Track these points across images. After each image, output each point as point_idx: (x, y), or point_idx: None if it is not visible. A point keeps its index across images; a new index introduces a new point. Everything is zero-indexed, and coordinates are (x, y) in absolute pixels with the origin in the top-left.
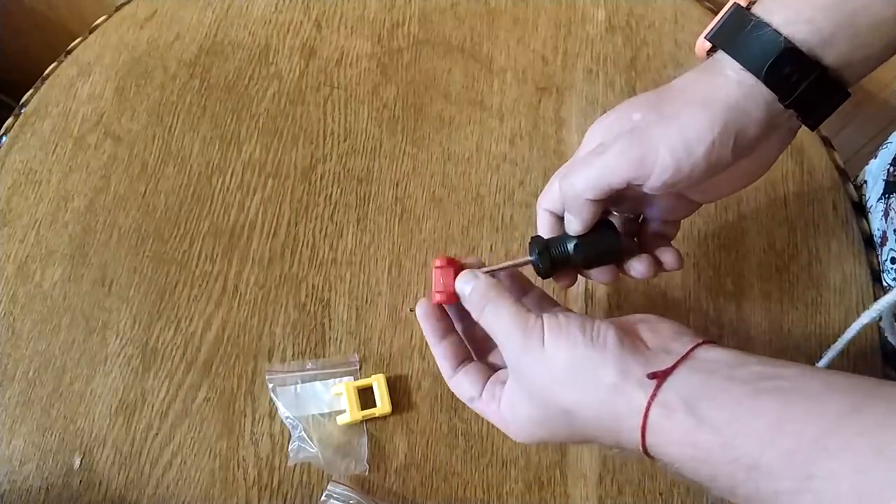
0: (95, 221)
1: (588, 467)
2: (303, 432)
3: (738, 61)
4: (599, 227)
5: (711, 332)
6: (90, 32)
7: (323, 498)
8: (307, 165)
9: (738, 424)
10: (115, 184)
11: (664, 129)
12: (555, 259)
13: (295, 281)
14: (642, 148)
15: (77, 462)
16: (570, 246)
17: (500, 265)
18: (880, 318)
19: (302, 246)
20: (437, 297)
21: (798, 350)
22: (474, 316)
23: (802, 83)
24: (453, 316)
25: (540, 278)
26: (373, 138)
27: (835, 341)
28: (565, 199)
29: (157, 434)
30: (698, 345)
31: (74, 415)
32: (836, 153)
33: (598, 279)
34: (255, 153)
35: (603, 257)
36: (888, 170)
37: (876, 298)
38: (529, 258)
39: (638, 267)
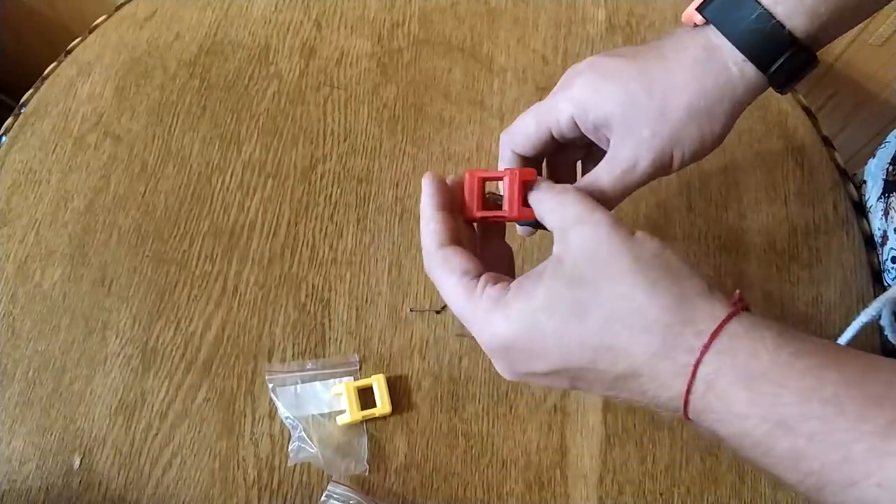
0: (95, 221)
1: (588, 467)
2: (303, 432)
3: (743, 53)
4: None
5: None
6: (90, 32)
7: (323, 498)
8: (307, 165)
9: (780, 389)
10: (115, 184)
11: (679, 142)
12: None
13: (295, 281)
14: (663, 164)
15: (77, 462)
16: None
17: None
18: (880, 317)
19: (302, 246)
20: (511, 212)
21: None
22: (539, 202)
23: (793, 67)
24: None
25: None
26: (373, 138)
27: (835, 342)
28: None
29: (156, 434)
30: (737, 309)
31: (74, 415)
32: (836, 153)
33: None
34: (255, 153)
35: None
36: (887, 169)
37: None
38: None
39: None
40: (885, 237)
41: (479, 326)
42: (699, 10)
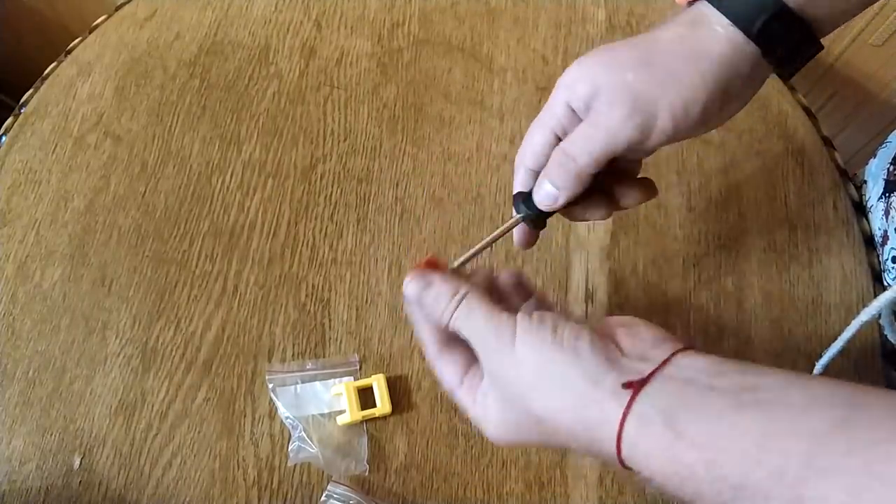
0: (95, 221)
1: (588, 467)
2: (303, 432)
3: (727, 17)
4: None
5: (711, 332)
6: (90, 32)
7: (323, 498)
8: (307, 165)
9: (720, 440)
10: (115, 184)
11: (662, 91)
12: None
13: (295, 281)
14: (644, 115)
15: (77, 462)
16: None
17: (485, 240)
18: (880, 316)
19: (302, 246)
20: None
21: (798, 350)
22: (443, 320)
23: (788, 40)
24: None
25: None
26: (373, 138)
27: (835, 341)
28: (561, 173)
29: (156, 434)
30: (676, 352)
31: (74, 415)
32: (836, 153)
33: (593, 217)
34: (255, 153)
35: (588, 191)
36: (888, 169)
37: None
38: (519, 216)
39: (632, 194)
40: (885, 237)
41: (479, 424)
42: None
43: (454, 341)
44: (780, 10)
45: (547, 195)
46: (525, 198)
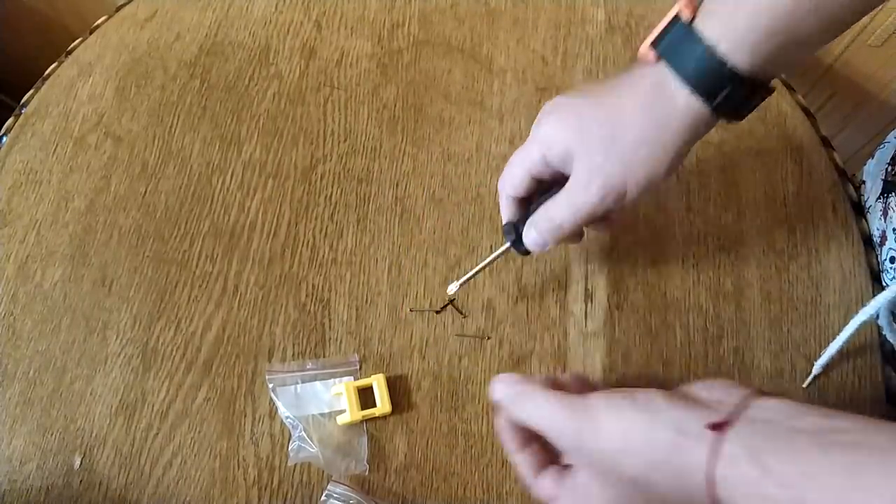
0: (96, 221)
1: None
2: (303, 432)
3: (688, 85)
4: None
5: (711, 332)
6: (90, 33)
7: (323, 498)
8: (307, 165)
9: (808, 479)
10: (116, 184)
11: (630, 171)
12: None
13: (295, 281)
14: (615, 191)
15: (77, 462)
16: None
17: (482, 263)
18: (878, 317)
19: (302, 246)
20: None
21: (798, 350)
22: (514, 416)
23: (745, 101)
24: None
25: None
26: (373, 138)
27: (833, 341)
28: (547, 230)
29: (157, 434)
30: (754, 395)
31: (75, 415)
32: (835, 153)
33: (596, 229)
34: (255, 153)
35: None
36: (886, 169)
37: None
38: (509, 245)
39: (601, 227)
40: (883, 237)
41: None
42: (652, 46)
43: (531, 440)
44: (738, 79)
45: (536, 243)
46: (514, 226)
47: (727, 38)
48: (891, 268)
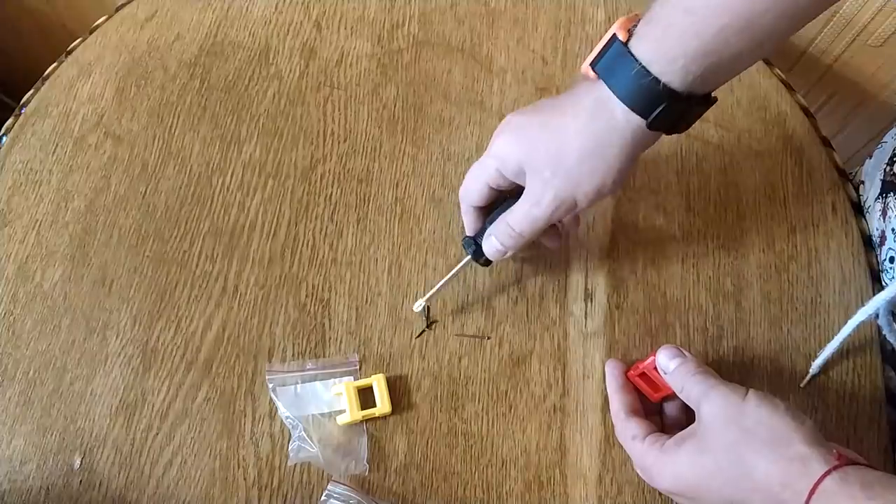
0: (96, 221)
1: (588, 467)
2: (303, 432)
3: (626, 104)
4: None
5: (711, 332)
6: (90, 33)
7: (323, 498)
8: (307, 166)
9: None
10: (116, 184)
11: (576, 186)
12: None
13: (295, 281)
14: (566, 202)
15: (77, 462)
16: None
17: (445, 278)
18: (877, 316)
19: (302, 246)
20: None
21: (798, 350)
22: (678, 385)
23: (683, 116)
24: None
25: None
26: (373, 138)
27: (831, 341)
28: (507, 238)
29: (157, 434)
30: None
31: (75, 415)
32: (835, 153)
33: (548, 244)
34: (255, 153)
35: None
36: (884, 169)
37: None
38: (469, 258)
39: (554, 239)
40: (882, 237)
41: (651, 472)
42: (591, 65)
43: (639, 411)
44: (671, 97)
45: (496, 251)
46: (472, 239)
47: (658, 61)
48: (890, 268)
